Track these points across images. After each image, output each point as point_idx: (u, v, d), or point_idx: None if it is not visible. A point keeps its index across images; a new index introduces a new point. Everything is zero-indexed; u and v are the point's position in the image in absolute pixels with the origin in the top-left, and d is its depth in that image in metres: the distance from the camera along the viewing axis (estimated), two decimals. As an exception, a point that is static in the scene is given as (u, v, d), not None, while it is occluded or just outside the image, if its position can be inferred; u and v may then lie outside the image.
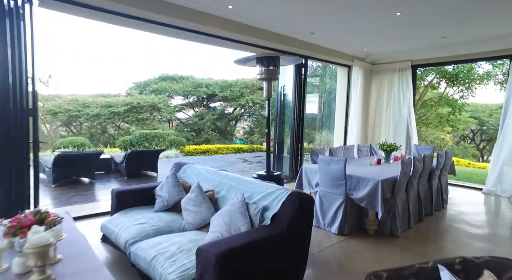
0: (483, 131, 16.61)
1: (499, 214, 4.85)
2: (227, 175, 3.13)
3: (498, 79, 9.58)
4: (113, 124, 16.23)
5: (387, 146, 4.62)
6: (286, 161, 6.81)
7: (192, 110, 19.21)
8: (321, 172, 3.89)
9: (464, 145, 17.56)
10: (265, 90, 3.47)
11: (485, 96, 22.39)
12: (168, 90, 17.62)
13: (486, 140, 17.22)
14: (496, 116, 15.95)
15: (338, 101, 7.68)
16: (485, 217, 4.68)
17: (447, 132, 14.31)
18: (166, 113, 17.38)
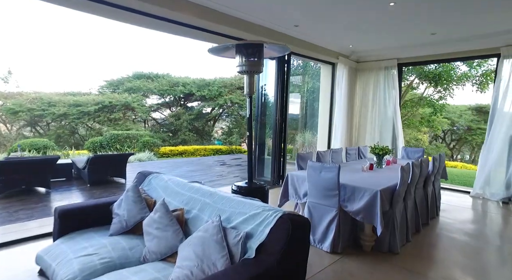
0: (453, 131, 16.96)
1: (495, 221, 4.53)
2: (200, 189, 2.51)
3: (477, 80, 9.53)
4: (84, 124, 15.08)
5: (379, 150, 4.16)
6: (267, 164, 6.26)
7: (168, 110, 18.31)
8: (311, 180, 3.36)
9: (437, 145, 17.87)
10: (246, 86, 2.88)
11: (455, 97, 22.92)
12: (142, 89, 16.64)
13: (456, 140, 17.62)
14: (465, 116, 16.21)
15: (322, 100, 7.22)
16: (482, 225, 4.32)
17: (423, 132, 14.34)
18: (141, 113, 16.40)
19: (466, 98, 21.77)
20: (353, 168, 4.12)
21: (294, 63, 10.86)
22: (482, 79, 9.41)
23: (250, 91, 2.89)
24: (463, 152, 18.65)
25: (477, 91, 9.70)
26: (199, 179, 7.04)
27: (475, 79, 9.51)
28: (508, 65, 5.34)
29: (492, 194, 5.42)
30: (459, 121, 16.11)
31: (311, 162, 3.37)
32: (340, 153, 4.74)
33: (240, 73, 2.88)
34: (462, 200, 5.44)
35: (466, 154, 18.60)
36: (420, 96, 11.03)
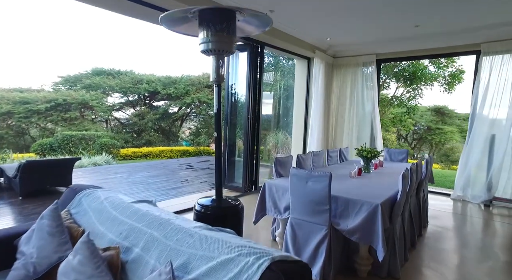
0: (414, 131, 17.40)
1: (485, 228, 4.15)
2: (147, 214, 1.72)
3: (446, 81, 9.50)
4: (34, 124, 13.35)
5: (367, 152, 3.58)
6: (238, 167, 5.53)
7: (132, 109, 16.94)
8: (295, 192, 2.68)
9: (400, 144, 18.27)
10: (213, 71, 2.14)
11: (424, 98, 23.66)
12: (103, 86, 15.17)
13: (417, 139, 18.11)
14: (426, 117, 16.65)
15: (297, 99, 6.63)
16: (473, 233, 3.91)
17: (392, 132, 14.39)
18: (101, 112, 14.94)
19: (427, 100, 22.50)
20: (339, 174, 3.51)
21: (264, 60, 10.21)
22: (450, 80, 9.38)
23: (218, 78, 2.14)
24: (423, 151, 19.32)
25: (445, 91, 9.70)
26: (160, 186, 6.14)
27: (444, 79, 9.47)
28: (488, 63, 5.05)
29: (474, 196, 5.11)
30: (421, 122, 16.56)
31: (295, 169, 2.68)
32: (321, 156, 4.12)
33: (205, 54, 2.12)
34: (445, 204, 5.07)
35: (426, 153, 19.24)
36: (392, 96, 10.86)
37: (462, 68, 9.40)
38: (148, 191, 5.58)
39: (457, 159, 15.62)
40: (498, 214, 4.64)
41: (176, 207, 4.27)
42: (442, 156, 15.98)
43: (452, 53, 5.55)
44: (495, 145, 4.94)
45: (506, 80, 4.92)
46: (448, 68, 9.51)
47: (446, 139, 15.86)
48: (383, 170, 3.92)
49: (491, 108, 5.02)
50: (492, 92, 5.02)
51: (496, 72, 4.99)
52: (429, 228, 3.86)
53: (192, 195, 5.22)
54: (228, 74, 5.41)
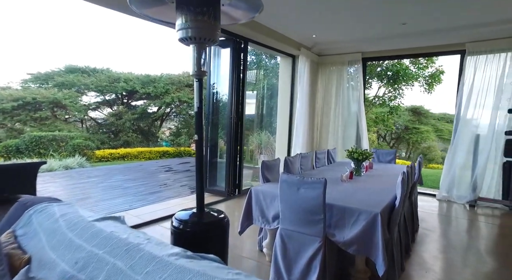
0: (390, 130, 17.74)
1: (476, 229, 4.05)
2: (111, 237, 1.38)
3: (426, 81, 9.56)
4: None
5: (358, 154, 3.36)
6: (221, 169, 5.20)
7: (110, 109, 16.15)
8: (285, 200, 2.40)
9: (380, 143, 18.57)
10: (194, 63, 1.82)
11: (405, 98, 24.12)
12: (77, 85, 14.33)
13: (395, 139, 18.46)
14: (403, 117, 17.01)
15: (281, 98, 6.37)
16: (465, 236, 3.78)
17: (372, 132, 14.48)
18: (75, 112, 14.11)
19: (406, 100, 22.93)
20: (329, 177, 3.25)
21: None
22: (430, 80, 9.45)
23: (199, 71, 1.83)
24: (400, 149, 19.74)
25: (425, 92, 9.78)
26: (137, 191, 5.70)
27: (425, 79, 9.53)
28: (472, 63, 4.99)
29: (459, 196, 5.04)
30: (399, 121, 16.92)
31: (285, 175, 2.40)
32: (309, 158, 3.87)
33: (183, 43, 1.80)
34: (431, 205, 4.97)
35: (403, 152, 19.66)
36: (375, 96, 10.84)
37: (441, 68, 9.50)
38: (124, 197, 5.15)
39: (433, 158, 15.99)
40: (482, 214, 4.58)
41: (154, 215, 3.90)
42: (419, 155, 16.32)
43: (437, 52, 5.48)
44: (480, 145, 4.89)
45: (490, 80, 4.88)
46: (427, 69, 9.58)
47: (423, 138, 16.23)
48: (374, 172, 3.73)
49: (476, 108, 4.97)
50: (476, 92, 4.97)
51: (481, 72, 4.94)
52: (420, 232, 3.70)
53: (171, 201, 4.84)
54: (209, 73, 5.07)
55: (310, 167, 3.89)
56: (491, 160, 4.83)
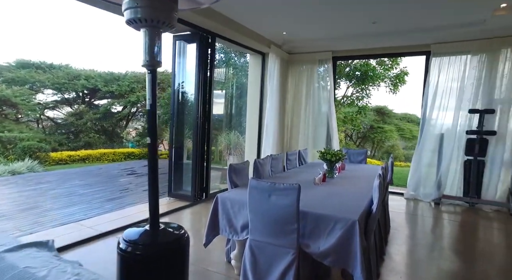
0: (358, 130, 18.27)
1: (440, 227, 4.05)
2: (22, 276, 1.03)
3: (392, 81, 9.79)
4: None
5: (331, 155, 3.19)
6: (187, 171, 4.83)
7: (69, 108, 14.97)
8: (255, 208, 2.14)
9: (347, 142, 19.04)
10: (145, 50, 1.50)
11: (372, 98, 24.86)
12: (30, 81, 13.10)
13: (361, 138, 19.03)
14: (369, 116, 17.49)
15: (250, 97, 6.12)
16: (431, 234, 3.76)
17: (341, 131, 14.67)
18: (28, 111, 12.88)
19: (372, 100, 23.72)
20: (302, 180, 3.05)
21: (215, 56, 9.54)
22: (396, 81, 9.69)
23: (152, 61, 1.51)
24: (366, 148, 20.43)
25: (390, 92, 10.03)
26: (94, 198, 5.17)
27: (390, 80, 9.75)
28: (437, 64, 5.06)
29: (425, 195, 5.09)
30: (365, 121, 17.42)
31: (255, 180, 2.14)
32: (280, 160, 3.65)
33: (132, 26, 1.47)
34: (400, 204, 4.97)
35: (368, 150, 20.33)
36: (343, 96, 10.92)
37: (406, 70, 9.77)
38: (78, 205, 4.61)
39: (397, 156, 16.59)
40: (446, 212, 4.64)
41: (112, 225, 3.47)
42: (384, 153, 16.87)
43: (404, 52, 5.51)
44: (444, 144, 4.96)
45: (453, 81, 4.97)
46: (393, 70, 9.81)
47: (387, 137, 16.77)
48: (347, 173, 3.58)
49: (440, 108, 5.04)
50: (440, 92, 5.04)
51: (444, 73, 5.02)
52: (392, 233, 3.62)
53: (133, 207, 4.41)
54: (174, 69, 4.70)
55: (281, 169, 3.67)
56: (454, 158, 4.93)
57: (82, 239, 2.99)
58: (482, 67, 4.75)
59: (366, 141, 18.92)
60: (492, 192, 4.68)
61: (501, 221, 4.27)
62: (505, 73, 4.65)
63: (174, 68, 4.69)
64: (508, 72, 4.63)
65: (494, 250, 3.29)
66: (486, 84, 4.73)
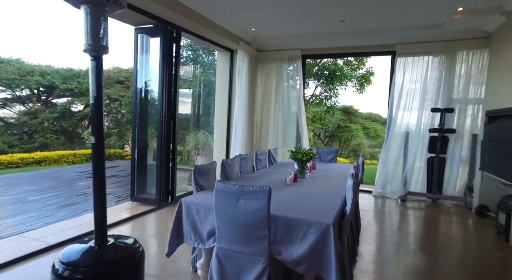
0: (326, 129, 18.71)
1: (406, 224, 4.10)
2: None
3: (359, 81, 9.98)
4: None
5: (302, 155, 3.07)
6: (152, 173, 4.50)
7: (22, 106, 13.72)
8: (222, 213, 1.94)
9: (315, 141, 19.38)
10: (87, 32, 1.25)
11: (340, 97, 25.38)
12: (-28, 76, 11.82)
13: (329, 137, 19.49)
14: (336, 116, 17.86)
15: (219, 95, 5.88)
16: (398, 231, 3.78)
17: (310, 130, 14.80)
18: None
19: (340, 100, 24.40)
20: (272, 181, 2.90)
21: (183, 53, 9.16)
22: (362, 81, 9.91)
23: (95, 45, 1.26)
24: (334, 147, 20.99)
25: (357, 92, 10.25)
26: (45, 204, 4.65)
27: (357, 80, 9.94)
28: (402, 64, 5.16)
29: (392, 192, 5.18)
30: (332, 120, 17.84)
31: (222, 183, 1.94)
32: (249, 160, 3.48)
33: (69, 1, 1.20)
34: (368, 202, 5.00)
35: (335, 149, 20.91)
36: (312, 95, 10.98)
37: (372, 70, 10.03)
38: (25, 213, 4.10)
39: (363, 154, 17.22)
40: (411, 208, 4.74)
41: (63, 235, 3.10)
42: (351, 152, 17.37)
43: (371, 52, 5.58)
44: (409, 142, 5.08)
45: (416, 81, 5.10)
46: (359, 70, 10.03)
47: (353, 136, 17.27)
48: (318, 173, 3.49)
49: (406, 107, 5.15)
50: (405, 92, 5.15)
51: (409, 73, 5.13)
52: (363, 233, 3.58)
53: (89, 214, 4.00)
54: (136, 65, 4.35)
55: (250, 169, 3.50)
56: (418, 156, 5.06)
57: (23, 254, 2.60)
58: (442, 68, 4.91)
59: (334, 140, 19.38)
60: (452, 187, 4.86)
61: (459, 215, 4.43)
62: (462, 74, 4.84)
63: (136, 64, 4.35)
64: (464, 74, 4.83)
65: (453, 243, 3.37)
66: (446, 84, 4.90)
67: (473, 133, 4.73)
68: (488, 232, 3.71)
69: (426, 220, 4.18)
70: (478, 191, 4.42)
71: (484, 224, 4.03)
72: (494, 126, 4.21)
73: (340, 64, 9.62)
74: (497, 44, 4.30)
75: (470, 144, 4.73)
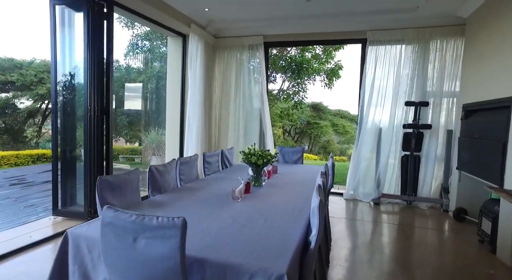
0: (295, 125, 18.49)
1: (379, 230, 3.57)
2: None
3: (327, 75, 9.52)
4: None
5: (257, 157, 2.37)
6: (81, 177, 3.59)
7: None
8: (112, 260, 1.19)
9: (285, 138, 19.07)
10: None
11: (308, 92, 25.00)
12: None
13: (299, 133, 19.24)
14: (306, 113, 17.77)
15: (170, 87, 5.06)
16: (371, 244, 3.23)
17: (278, 127, 14.32)
18: None
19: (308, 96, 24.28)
20: (217, 194, 2.18)
21: (137, 43, 8.16)
22: (331, 74, 9.44)
23: None
24: (303, 143, 20.76)
25: (325, 87, 9.78)
26: None
27: (325, 73, 9.46)
28: (373, 53, 4.65)
29: (365, 194, 4.67)
30: (302, 116, 17.72)
31: (111, 211, 1.19)
32: (193, 163, 2.73)
33: None
34: (339, 206, 4.45)
35: (306, 145, 20.70)
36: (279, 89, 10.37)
37: (340, 63, 9.59)
38: None
39: (332, 151, 17.06)
40: (385, 212, 4.26)
41: None
42: (321, 149, 17.17)
43: (340, 40, 5.01)
44: (382, 139, 4.59)
45: (389, 72, 4.60)
46: (327, 64, 9.56)
47: (322, 132, 17.16)
48: (279, 178, 2.82)
49: (378, 101, 4.64)
50: (378, 84, 4.64)
51: (381, 63, 4.63)
52: (332, 248, 2.99)
53: (1, 233, 3.06)
54: (54, 49, 3.43)
55: (196, 176, 2.76)
56: (392, 155, 4.58)
57: None
58: (415, 57, 4.45)
59: (304, 136, 19.16)
60: (427, 188, 4.43)
61: (436, 219, 4.00)
62: (436, 65, 4.41)
63: (55, 43, 3.42)
64: (438, 64, 4.40)
65: (434, 256, 2.87)
66: (420, 75, 4.45)
67: (448, 129, 4.32)
68: (470, 240, 3.27)
69: (402, 228, 3.69)
70: (455, 193, 4.00)
71: (464, 229, 3.60)
72: (471, 121, 3.79)
73: (308, 56, 9.07)
74: (472, 32, 3.89)
75: (445, 141, 4.31)
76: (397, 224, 3.83)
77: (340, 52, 9.44)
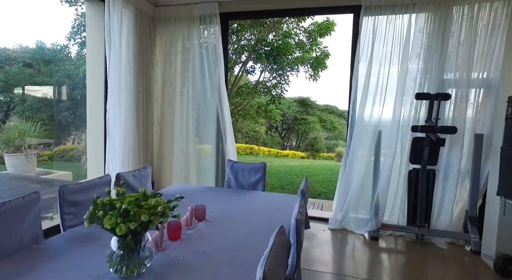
0: (283, 121, 17.51)
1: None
2: None
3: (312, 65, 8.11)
4: None
5: (118, 213, 0.96)
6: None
7: None
8: None
9: (271, 135, 17.92)
10: None
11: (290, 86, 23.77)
12: None
13: (286, 129, 18.11)
14: (292, 108, 16.99)
15: (90, 76, 3.58)
16: None
17: (260, 124, 13.16)
18: None
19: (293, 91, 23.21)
20: None
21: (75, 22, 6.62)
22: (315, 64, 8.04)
23: None
24: (291, 140, 19.63)
25: (310, 79, 8.39)
26: None
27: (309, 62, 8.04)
28: (370, 25, 3.27)
29: (358, 224, 3.31)
30: (288, 112, 16.93)
31: None
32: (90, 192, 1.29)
33: None
34: (323, 242, 3.11)
35: (293, 141, 19.58)
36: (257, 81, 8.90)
37: (327, 50, 8.17)
38: None
39: (320, 148, 15.96)
40: (387, 251, 2.97)
41: None
42: (308, 145, 16.14)
43: (323, 7, 3.54)
44: (382, 146, 3.24)
45: (392, 54, 3.23)
46: (312, 52, 8.14)
47: (310, 128, 16.58)
48: (200, 235, 1.41)
49: (376, 93, 3.27)
50: (376, 70, 3.27)
51: (380, 40, 3.25)
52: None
53: None
54: None
55: (36, 236, 1.32)
56: (396, 168, 3.23)
57: None
58: (431, 29, 3.09)
59: (291, 132, 18.11)
60: (446, 217, 3.10)
61: (458, 262, 2.72)
62: (461, 41, 3.05)
63: None
64: (464, 40, 3.04)
65: None
66: (437, 56, 3.08)
67: (477, 133, 2.99)
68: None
69: (407, 274, 2.37)
70: (493, 228, 2.68)
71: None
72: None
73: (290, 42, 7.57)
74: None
75: (473, 149, 2.99)
76: (402, 271, 2.51)
77: (327, 38, 8.04)
